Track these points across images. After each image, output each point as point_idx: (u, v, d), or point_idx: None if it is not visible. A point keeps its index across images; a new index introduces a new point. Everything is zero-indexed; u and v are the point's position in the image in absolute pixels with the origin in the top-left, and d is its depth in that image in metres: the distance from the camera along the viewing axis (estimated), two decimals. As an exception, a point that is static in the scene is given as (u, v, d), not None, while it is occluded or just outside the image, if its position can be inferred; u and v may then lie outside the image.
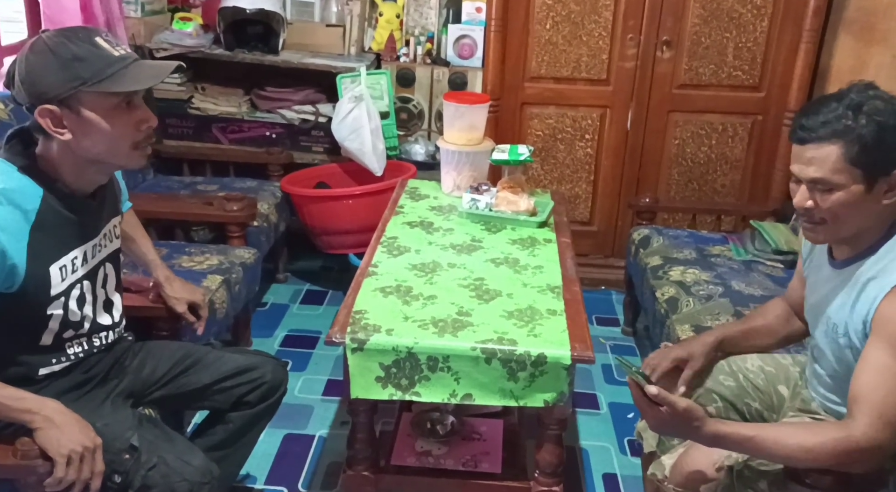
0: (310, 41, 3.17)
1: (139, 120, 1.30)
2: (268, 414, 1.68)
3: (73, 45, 1.23)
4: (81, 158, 1.30)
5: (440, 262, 1.89)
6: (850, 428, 1.22)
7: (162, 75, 1.32)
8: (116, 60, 1.25)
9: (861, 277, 1.31)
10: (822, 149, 1.25)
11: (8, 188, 1.24)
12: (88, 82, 1.22)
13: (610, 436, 2.30)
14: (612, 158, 3.16)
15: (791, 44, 2.93)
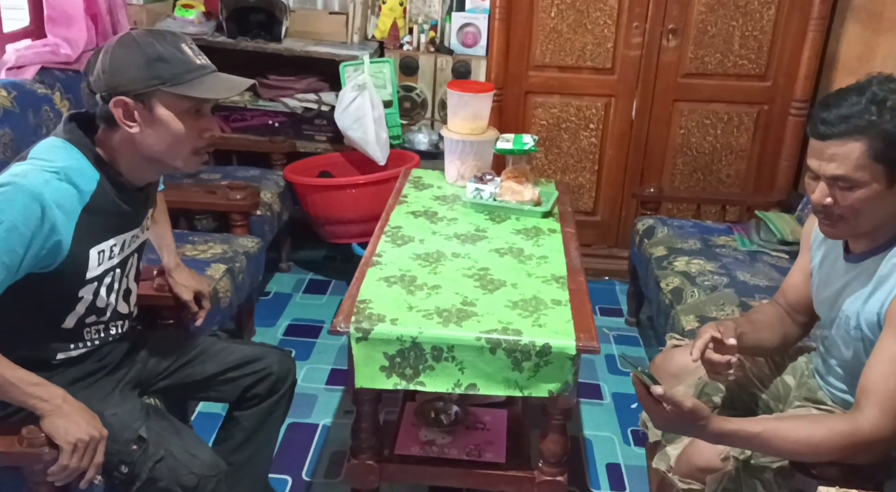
0: (313, 29, 3.15)
1: (204, 128, 1.35)
2: (280, 407, 1.67)
3: (160, 45, 1.29)
4: (141, 153, 1.34)
5: (444, 252, 1.88)
6: (858, 420, 1.21)
7: (237, 89, 1.38)
8: (197, 68, 1.31)
9: (878, 271, 1.30)
10: (845, 145, 1.21)
11: (69, 167, 1.27)
12: (168, 83, 1.28)
13: (614, 426, 2.30)
14: (617, 147, 3.14)
15: (798, 32, 2.91)
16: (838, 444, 1.21)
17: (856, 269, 1.36)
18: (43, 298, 1.33)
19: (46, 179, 1.24)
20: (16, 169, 1.27)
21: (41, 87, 2.26)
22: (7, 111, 2.05)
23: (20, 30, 2.64)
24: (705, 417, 1.23)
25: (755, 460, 1.36)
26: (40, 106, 2.20)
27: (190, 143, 1.34)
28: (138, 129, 1.30)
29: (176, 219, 2.58)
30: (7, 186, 1.21)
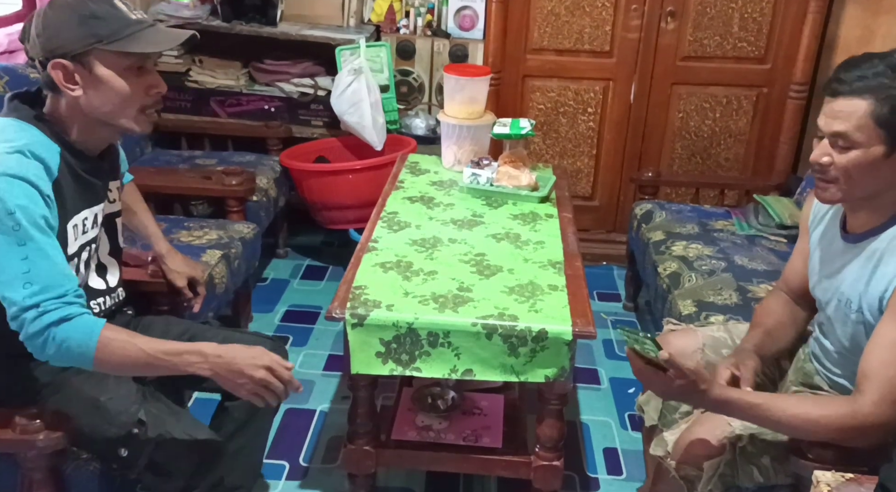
0: (308, 12, 3.12)
1: (149, 85, 1.31)
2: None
3: (93, 3, 1.24)
4: (90, 117, 1.30)
5: (441, 237, 1.87)
6: (858, 404, 1.21)
7: (176, 41, 1.32)
8: (133, 22, 1.27)
9: (877, 251, 1.29)
10: (852, 102, 1.21)
11: (30, 143, 1.24)
12: (104, 40, 1.23)
13: (611, 411, 2.31)
14: (615, 131, 3.12)
15: (798, 14, 2.88)
16: (836, 424, 1.21)
17: (854, 250, 1.34)
18: None
19: (17, 160, 1.21)
20: None
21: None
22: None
23: (12, 14, 2.61)
24: (707, 381, 1.23)
25: (752, 445, 1.36)
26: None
27: (136, 101, 1.30)
28: (81, 91, 1.26)
29: (171, 205, 2.58)
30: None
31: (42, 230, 1.20)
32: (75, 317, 1.19)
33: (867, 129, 1.21)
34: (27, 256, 1.17)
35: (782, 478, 1.36)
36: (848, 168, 1.24)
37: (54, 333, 1.17)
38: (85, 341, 1.18)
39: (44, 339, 1.17)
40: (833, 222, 1.43)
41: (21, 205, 1.17)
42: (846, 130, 1.22)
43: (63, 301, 1.18)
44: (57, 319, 1.17)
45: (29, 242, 1.17)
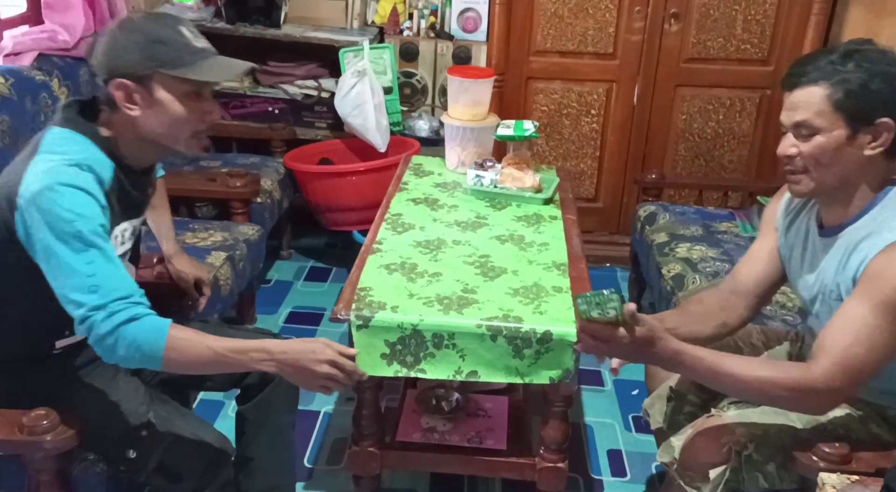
0: (312, 14, 3.13)
1: (204, 111, 1.34)
2: (278, 396, 1.62)
3: (160, 28, 1.28)
4: (142, 136, 1.33)
5: (445, 239, 1.88)
6: (810, 370, 1.23)
7: (235, 72, 1.37)
8: (197, 50, 1.30)
9: (853, 237, 1.29)
10: (808, 91, 1.24)
11: (86, 158, 1.27)
12: (167, 65, 1.27)
13: (615, 412, 2.31)
14: (619, 133, 3.13)
15: (801, 16, 2.88)
16: (787, 384, 1.23)
17: (832, 241, 1.34)
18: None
19: (74, 173, 1.23)
20: (41, 166, 1.23)
21: (39, 74, 2.25)
22: (5, 98, 2.04)
23: (17, 16, 2.62)
24: (662, 333, 1.23)
25: (758, 453, 1.35)
26: (38, 93, 2.19)
27: (190, 126, 1.33)
28: (139, 111, 1.29)
29: (176, 206, 2.57)
30: (50, 192, 1.19)
31: (102, 237, 1.22)
32: (143, 317, 1.21)
33: (826, 114, 1.23)
34: (91, 261, 1.19)
35: (788, 484, 1.36)
36: (814, 154, 1.26)
37: (124, 334, 1.18)
38: (154, 341, 1.20)
39: (114, 339, 1.18)
40: (807, 221, 1.43)
41: (81, 213, 1.20)
42: (807, 118, 1.25)
43: (130, 302, 1.20)
44: (126, 319, 1.19)
45: (91, 249, 1.20)
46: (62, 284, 1.19)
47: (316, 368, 1.24)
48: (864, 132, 1.24)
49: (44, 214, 1.18)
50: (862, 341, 1.20)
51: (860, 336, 1.20)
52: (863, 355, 1.20)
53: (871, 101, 1.22)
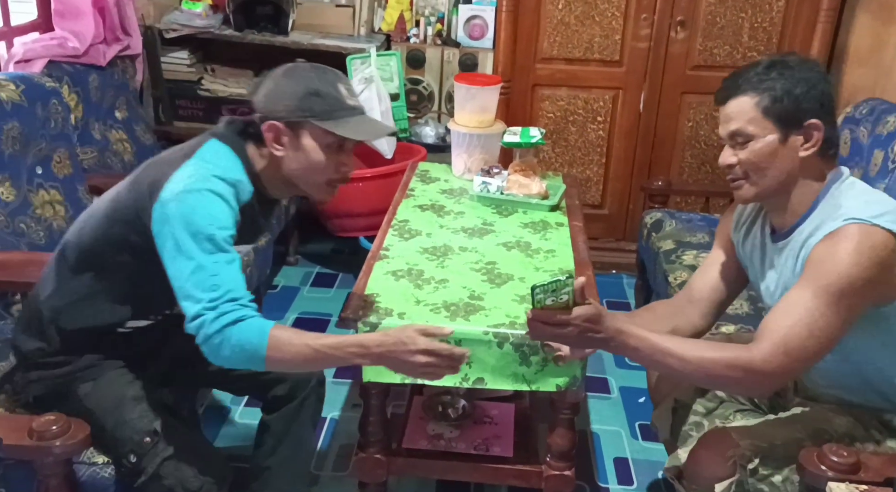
0: (319, 22, 3.15)
1: (342, 163, 1.42)
2: (306, 410, 1.64)
3: (318, 81, 1.38)
4: (281, 174, 1.42)
5: (451, 245, 1.88)
6: (752, 350, 1.26)
7: (379, 134, 1.47)
8: (347, 107, 1.39)
9: (802, 237, 1.34)
10: (738, 101, 1.32)
11: (233, 176, 1.37)
12: (317, 117, 1.36)
13: (621, 420, 2.30)
14: (625, 140, 3.13)
15: (808, 23, 2.88)
16: (728, 363, 1.25)
17: (786, 244, 1.38)
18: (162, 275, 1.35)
19: (220, 184, 1.33)
20: (193, 170, 1.32)
21: (49, 81, 2.26)
22: (15, 105, 2.05)
23: (28, 23, 2.64)
24: (605, 316, 1.25)
25: (763, 466, 1.35)
26: (48, 99, 2.20)
27: (326, 174, 1.41)
28: (283, 152, 1.38)
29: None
30: (197, 194, 1.29)
31: (230, 244, 1.30)
32: (248, 318, 1.25)
33: (757, 120, 1.30)
34: (217, 262, 1.27)
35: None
36: (751, 160, 1.32)
37: (229, 334, 1.23)
38: (257, 340, 1.24)
39: (221, 339, 1.23)
40: (760, 230, 1.47)
41: (217, 219, 1.29)
42: (740, 126, 1.32)
43: (238, 304, 1.26)
44: (233, 320, 1.24)
45: (219, 253, 1.27)
46: (185, 279, 1.25)
47: (411, 358, 1.26)
48: (795, 134, 1.30)
49: (184, 212, 1.27)
50: (802, 324, 1.24)
51: (800, 319, 1.24)
52: (802, 338, 1.24)
53: (796, 104, 1.29)
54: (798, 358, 1.24)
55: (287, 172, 1.41)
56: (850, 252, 1.22)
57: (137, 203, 1.34)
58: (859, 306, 1.25)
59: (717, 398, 1.61)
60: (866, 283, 1.22)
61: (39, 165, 2.16)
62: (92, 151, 2.57)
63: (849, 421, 1.41)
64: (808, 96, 1.29)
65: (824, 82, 1.32)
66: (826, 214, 1.30)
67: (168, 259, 1.27)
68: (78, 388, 1.43)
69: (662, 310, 1.58)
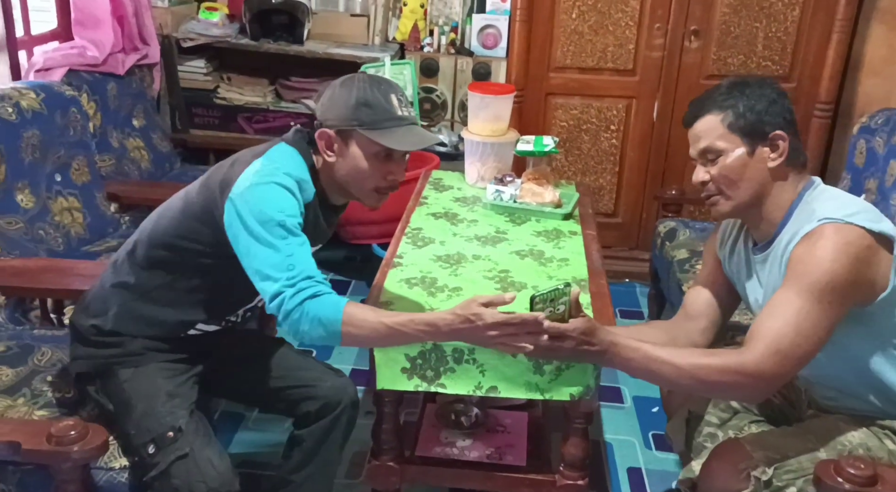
0: (334, 31, 3.18)
1: (389, 171, 1.47)
2: (337, 429, 1.65)
3: (371, 91, 1.43)
4: (335, 179, 1.49)
5: (465, 253, 1.88)
6: (744, 355, 1.28)
7: (424, 144, 1.49)
8: (396, 118, 1.44)
9: (782, 246, 1.37)
10: (705, 121, 1.40)
11: (300, 177, 1.44)
12: (365, 126, 1.42)
13: (634, 430, 2.29)
14: (638, 149, 3.13)
15: (823, 34, 2.88)
16: (721, 368, 1.27)
17: (768, 256, 1.42)
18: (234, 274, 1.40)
19: (287, 179, 1.40)
20: (261, 166, 1.40)
21: (69, 89, 2.30)
22: (36, 113, 2.08)
23: (48, 32, 2.69)
24: (598, 328, 1.27)
25: (777, 478, 1.34)
26: (68, 108, 2.23)
27: (372, 181, 1.46)
28: (334, 158, 1.45)
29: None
30: (265, 186, 1.36)
31: (300, 229, 1.37)
32: (324, 294, 1.32)
33: (725, 136, 1.37)
34: (290, 244, 1.34)
35: (810, 507, 1.35)
36: (724, 174, 1.38)
37: (307, 309, 1.29)
38: (333, 315, 1.29)
39: (299, 314, 1.29)
40: (742, 245, 1.50)
41: (285, 209, 1.36)
42: (709, 143, 1.39)
43: (315, 281, 1.32)
44: (311, 294, 1.30)
45: (290, 237, 1.34)
46: (261, 262, 1.32)
47: (482, 334, 1.28)
48: (761, 146, 1.37)
49: (254, 204, 1.34)
50: (790, 325, 1.26)
51: (788, 320, 1.26)
52: (791, 338, 1.26)
53: (759, 118, 1.36)
54: (789, 357, 1.27)
55: (338, 177, 1.47)
56: (828, 250, 1.26)
57: (209, 201, 1.42)
58: (843, 303, 1.28)
59: (731, 409, 1.60)
60: (846, 279, 1.26)
61: (58, 172, 2.19)
62: (110, 158, 2.61)
63: (863, 432, 1.41)
64: (770, 111, 1.36)
65: (783, 98, 1.39)
66: (802, 219, 1.34)
67: (242, 249, 1.34)
68: (119, 371, 1.48)
69: (662, 326, 1.62)
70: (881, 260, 1.29)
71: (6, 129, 1.97)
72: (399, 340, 1.36)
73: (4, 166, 1.96)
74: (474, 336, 1.28)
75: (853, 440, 1.39)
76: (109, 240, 2.31)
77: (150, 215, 1.58)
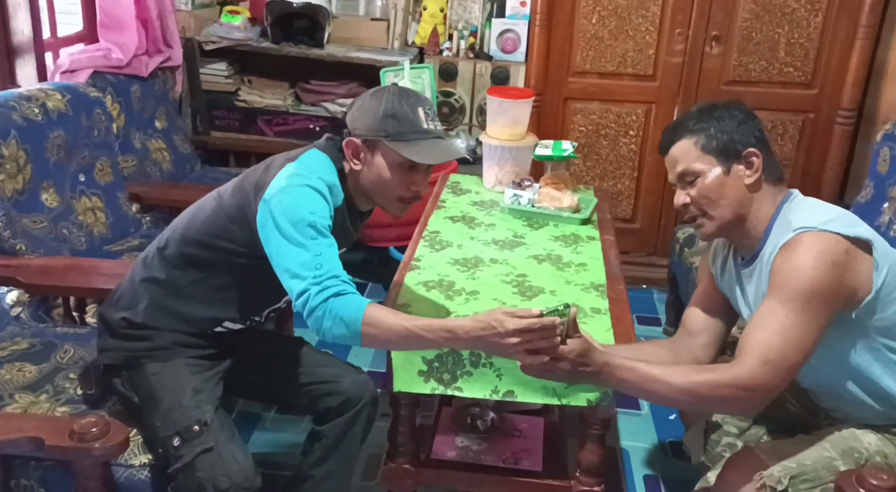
0: (354, 35, 3.20)
1: (413, 182, 1.50)
2: (357, 425, 1.67)
3: (399, 104, 1.46)
4: (360, 185, 1.52)
5: (482, 257, 1.89)
6: (735, 369, 1.28)
7: (445, 160, 1.51)
8: (422, 131, 1.46)
9: (765, 259, 1.39)
10: (679, 146, 1.45)
11: (330, 181, 1.47)
12: (390, 137, 1.44)
13: (651, 437, 2.28)
14: (657, 154, 3.08)
15: (846, 40, 2.85)
16: (715, 384, 1.28)
17: (753, 270, 1.44)
18: (264, 276, 1.42)
19: (318, 183, 1.43)
20: (295, 170, 1.43)
21: (94, 91, 2.33)
22: (61, 114, 2.11)
23: (74, 34, 2.72)
24: (592, 349, 1.28)
25: (793, 487, 1.33)
26: (93, 109, 2.26)
27: (396, 191, 1.49)
28: (360, 166, 1.48)
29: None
30: (297, 188, 1.40)
31: (329, 231, 1.41)
32: (348, 294, 1.34)
33: (701, 159, 1.42)
34: (319, 244, 1.37)
35: (828, 518, 1.33)
36: (703, 194, 1.42)
37: (331, 306, 1.31)
38: (355, 314, 1.30)
39: (323, 311, 1.31)
40: (731, 263, 1.53)
41: (316, 211, 1.39)
42: (686, 167, 1.43)
43: (340, 280, 1.35)
44: (335, 293, 1.32)
45: (320, 238, 1.37)
46: (291, 260, 1.35)
47: (502, 341, 1.26)
48: (736, 164, 1.41)
49: (286, 205, 1.37)
50: (777, 334, 1.27)
51: (774, 330, 1.28)
52: (779, 346, 1.27)
53: (730, 137, 1.41)
54: (779, 367, 1.27)
55: (364, 184, 1.50)
56: (806, 258, 1.28)
57: (243, 202, 1.46)
58: (826, 310, 1.28)
59: (749, 418, 1.59)
60: (827, 286, 1.27)
61: (82, 172, 2.22)
62: (132, 159, 2.64)
63: (879, 439, 1.40)
64: (740, 129, 1.41)
65: (752, 118, 1.44)
66: (781, 231, 1.37)
67: (273, 248, 1.37)
68: (147, 365, 1.50)
69: (664, 344, 1.63)
70: (860, 264, 1.30)
71: (32, 129, 2.00)
72: (419, 345, 1.36)
73: (30, 166, 1.99)
74: (494, 344, 1.27)
75: (870, 448, 1.38)
76: (131, 239, 2.34)
77: (182, 214, 1.60)
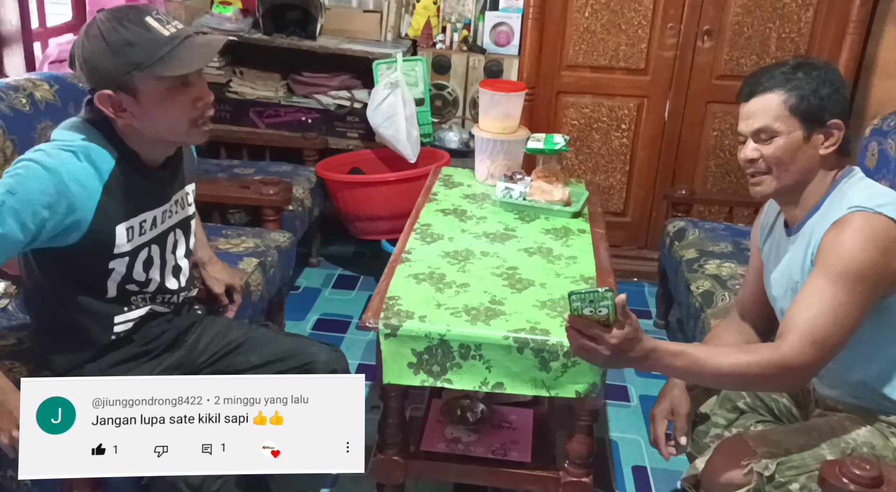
0: (347, 27, 3.18)
1: (195, 98, 1.33)
2: None
3: (124, 29, 1.26)
4: (145, 136, 1.35)
5: (473, 250, 1.89)
6: (782, 348, 1.28)
7: (211, 55, 1.34)
8: (166, 41, 1.27)
9: (811, 229, 1.39)
10: (765, 99, 1.37)
11: (87, 146, 1.30)
12: (141, 67, 1.25)
13: (640, 428, 2.29)
14: (649, 148, 3.12)
15: (836, 35, 2.86)
16: (764, 364, 1.26)
17: (797, 238, 1.43)
18: (77, 269, 1.35)
19: (64, 159, 1.27)
20: (37, 148, 1.30)
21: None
22: (49, 104, 2.10)
23: (62, 24, 2.70)
24: (640, 338, 1.24)
25: (780, 473, 1.34)
26: (81, 99, 2.24)
27: (185, 117, 1.33)
28: (132, 117, 1.30)
29: (209, 213, 2.63)
30: (26, 162, 1.25)
31: (15, 219, 1.21)
32: None
33: (784, 118, 1.35)
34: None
35: (813, 505, 1.35)
36: (776, 155, 1.37)
37: None
38: None
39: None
40: (777, 227, 1.53)
41: (25, 194, 1.21)
42: (766, 123, 1.37)
43: None
44: None
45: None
46: None
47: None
48: (817, 133, 1.36)
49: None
50: (824, 313, 1.27)
51: (822, 308, 1.27)
52: (827, 325, 1.26)
53: (821, 104, 1.34)
54: (826, 346, 1.27)
55: (148, 132, 1.33)
56: (856, 239, 1.27)
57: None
58: (872, 292, 1.28)
59: (737, 409, 1.61)
60: (874, 268, 1.26)
61: (71, 163, 2.21)
62: (122, 150, 2.62)
63: (868, 430, 1.41)
64: (833, 98, 1.35)
65: (845, 88, 1.38)
66: (833, 206, 1.35)
67: None
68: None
69: (725, 336, 1.63)
70: None
71: (20, 119, 1.99)
72: None
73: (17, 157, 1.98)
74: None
75: (858, 438, 1.40)
76: (121, 231, 2.33)
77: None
